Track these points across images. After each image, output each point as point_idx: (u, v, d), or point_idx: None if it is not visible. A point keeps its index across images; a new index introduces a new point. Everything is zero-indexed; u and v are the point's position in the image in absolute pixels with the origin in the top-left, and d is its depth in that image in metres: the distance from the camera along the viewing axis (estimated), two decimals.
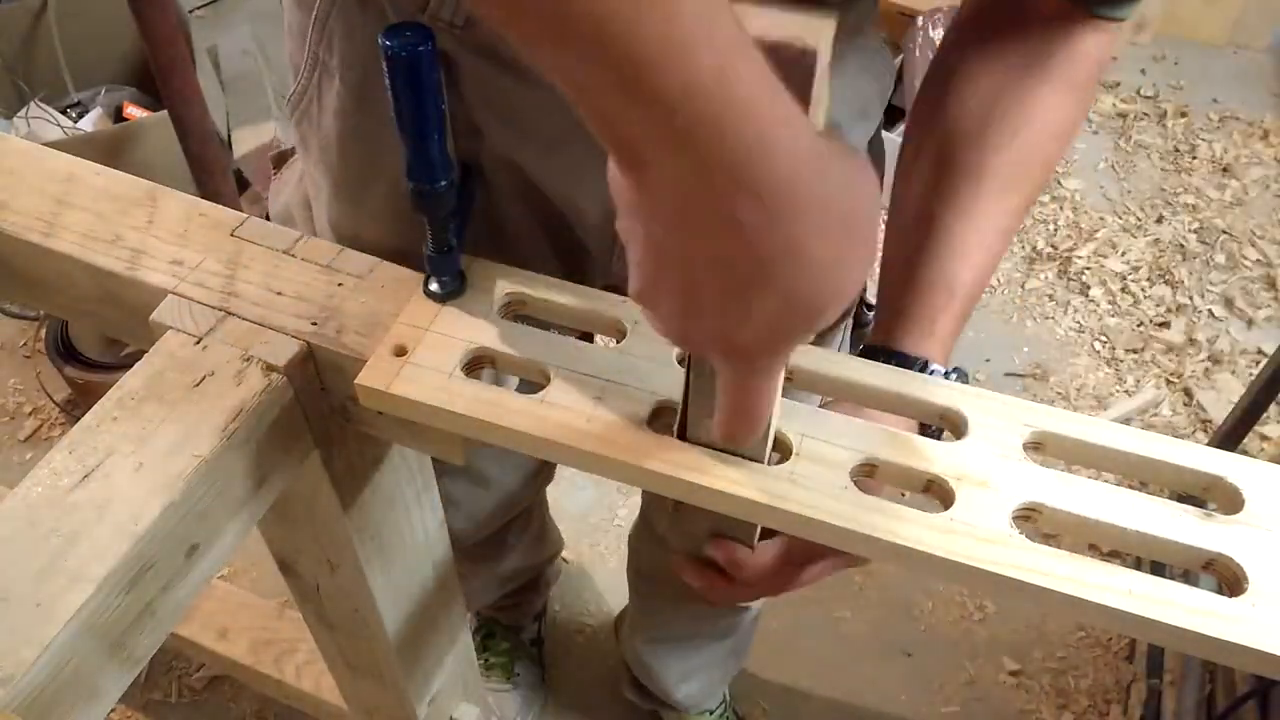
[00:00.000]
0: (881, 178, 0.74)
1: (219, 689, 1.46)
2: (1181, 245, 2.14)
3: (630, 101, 0.32)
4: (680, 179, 0.33)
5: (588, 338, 0.58)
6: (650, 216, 0.36)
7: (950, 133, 0.63)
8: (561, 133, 0.61)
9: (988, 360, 1.93)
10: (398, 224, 0.66)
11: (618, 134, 0.34)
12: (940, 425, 0.51)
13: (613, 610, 1.54)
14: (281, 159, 0.81)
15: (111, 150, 1.76)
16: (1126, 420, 1.81)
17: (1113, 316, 2.00)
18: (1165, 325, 1.98)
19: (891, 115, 2.29)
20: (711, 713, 1.44)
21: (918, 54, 2.19)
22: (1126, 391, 1.87)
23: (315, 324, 0.53)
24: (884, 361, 0.53)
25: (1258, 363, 1.91)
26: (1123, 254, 2.12)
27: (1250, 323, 1.99)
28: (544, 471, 1.11)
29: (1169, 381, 1.89)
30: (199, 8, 2.04)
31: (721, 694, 1.44)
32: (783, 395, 0.50)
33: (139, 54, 2.04)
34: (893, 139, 2.35)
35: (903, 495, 0.49)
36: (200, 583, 0.50)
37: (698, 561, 0.62)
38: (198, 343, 0.52)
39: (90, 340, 1.66)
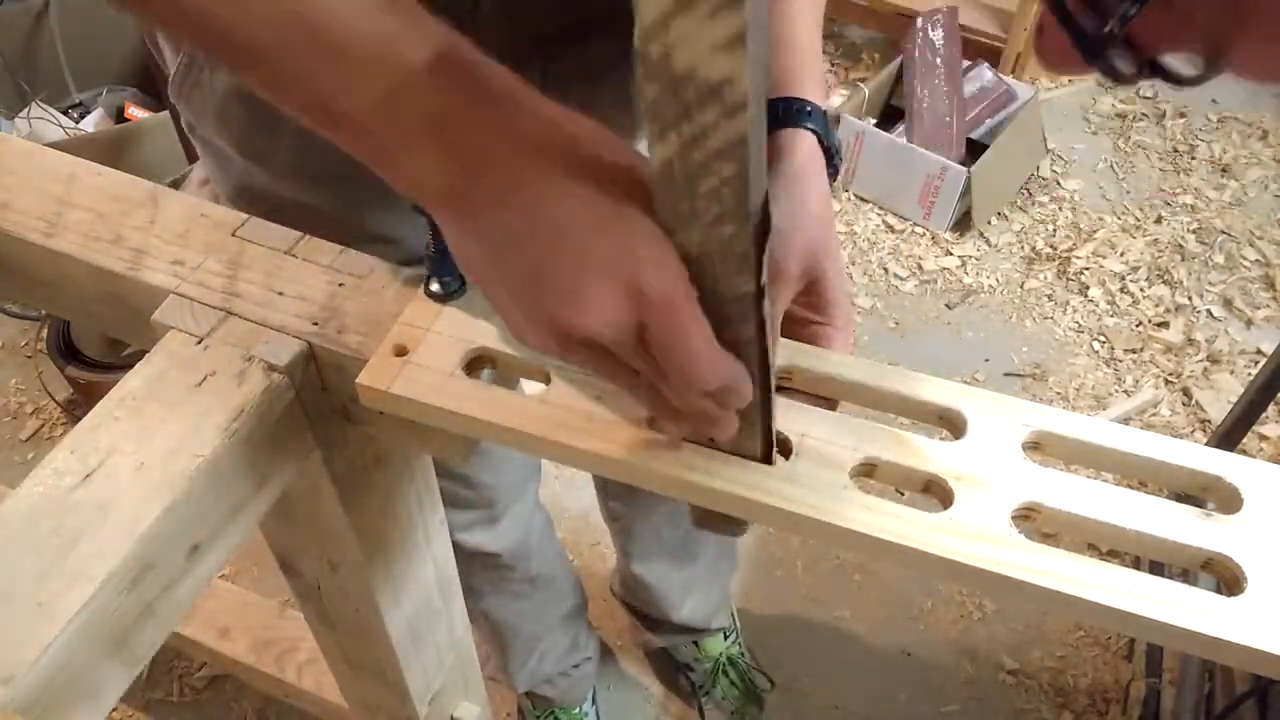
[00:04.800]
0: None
1: (220, 688, 1.46)
2: (1180, 245, 2.14)
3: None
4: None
5: None
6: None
7: None
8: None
9: (987, 360, 1.93)
10: (307, 177, 0.67)
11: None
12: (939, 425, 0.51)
13: (617, 610, 1.54)
14: (175, 184, 0.82)
15: (113, 150, 1.76)
16: (1126, 420, 1.81)
17: (1111, 316, 2.01)
18: (1164, 325, 1.98)
19: (892, 115, 2.30)
20: (726, 635, 1.46)
21: (917, 54, 2.19)
22: (1125, 391, 1.88)
23: (316, 324, 0.53)
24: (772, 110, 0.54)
25: (1256, 362, 1.91)
26: (1122, 254, 2.12)
27: (1249, 323, 2.00)
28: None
29: (1168, 381, 1.89)
30: None
31: (729, 613, 1.46)
32: (782, 395, 0.50)
33: (140, 55, 2.04)
34: (892, 138, 2.34)
35: (902, 495, 0.49)
36: (202, 582, 0.50)
37: None
38: (199, 343, 0.52)
39: (92, 340, 1.66)
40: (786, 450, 0.48)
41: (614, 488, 1.23)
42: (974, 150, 2.14)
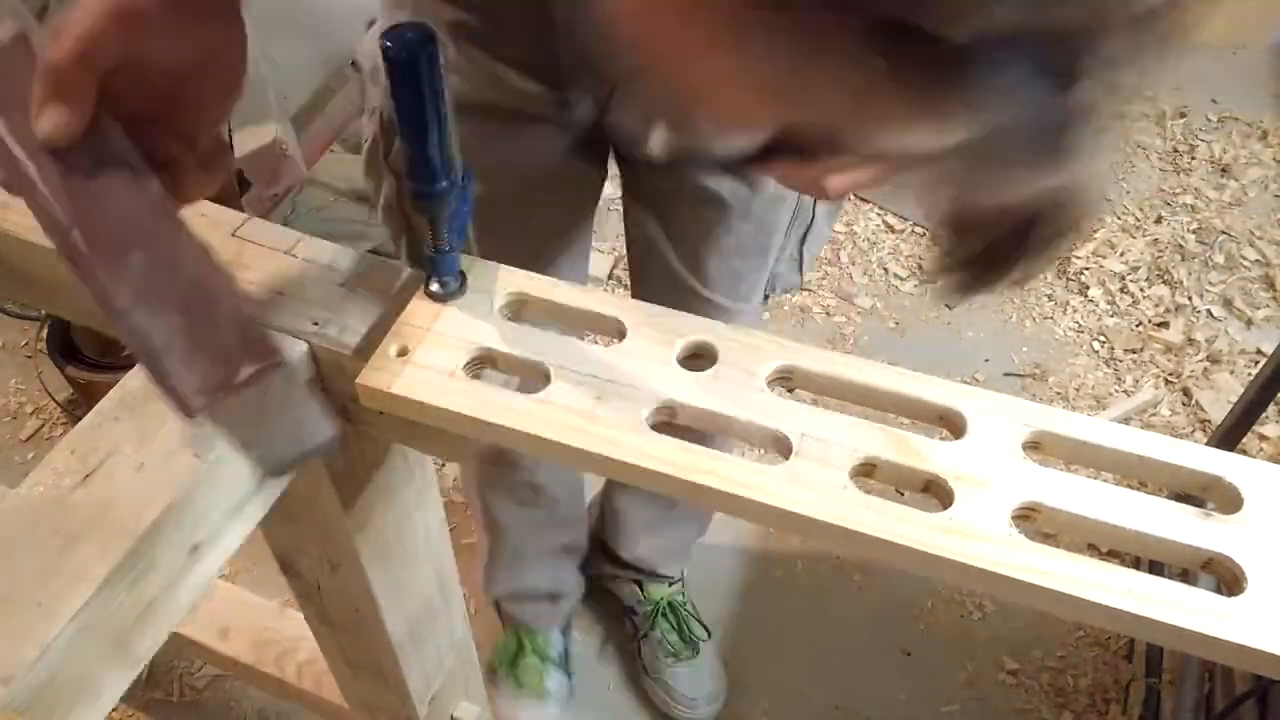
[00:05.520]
0: None
1: (220, 688, 1.46)
2: (1180, 245, 2.14)
3: None
4: None
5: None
6: None
7: None
8: None
9: (987, 360, 1.93)
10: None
11: None
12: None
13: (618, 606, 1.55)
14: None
15: None
16: (1125, 420, 1.81)
17: (1111, 316, 2.00)
18: (1164, 325, 1.98)
19: None
20: (671, 583, 1.50)
21: None
22: (1125, 391, 1.88)
23: (317, 324, 0.53)
24: None
25: (1256, 362, 1.91)
26: (1121, 254, 2.12)
27: (1249, 323, 1.99)
28: None
29: (1168, 381, 1.89)
30: None
31: (681, 568, 1.51)
32: (783, 397, 0.50)
33: None
34: None
35: (902, 495, 0.49)
36: (202, 582, 0.50)
37: None
38: None
39: (92, 340, 1.66)
40: (787, 450, 0.48)
41: None
42: None
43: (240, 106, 2.02)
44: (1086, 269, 2.08)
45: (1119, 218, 2.20)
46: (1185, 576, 1.12)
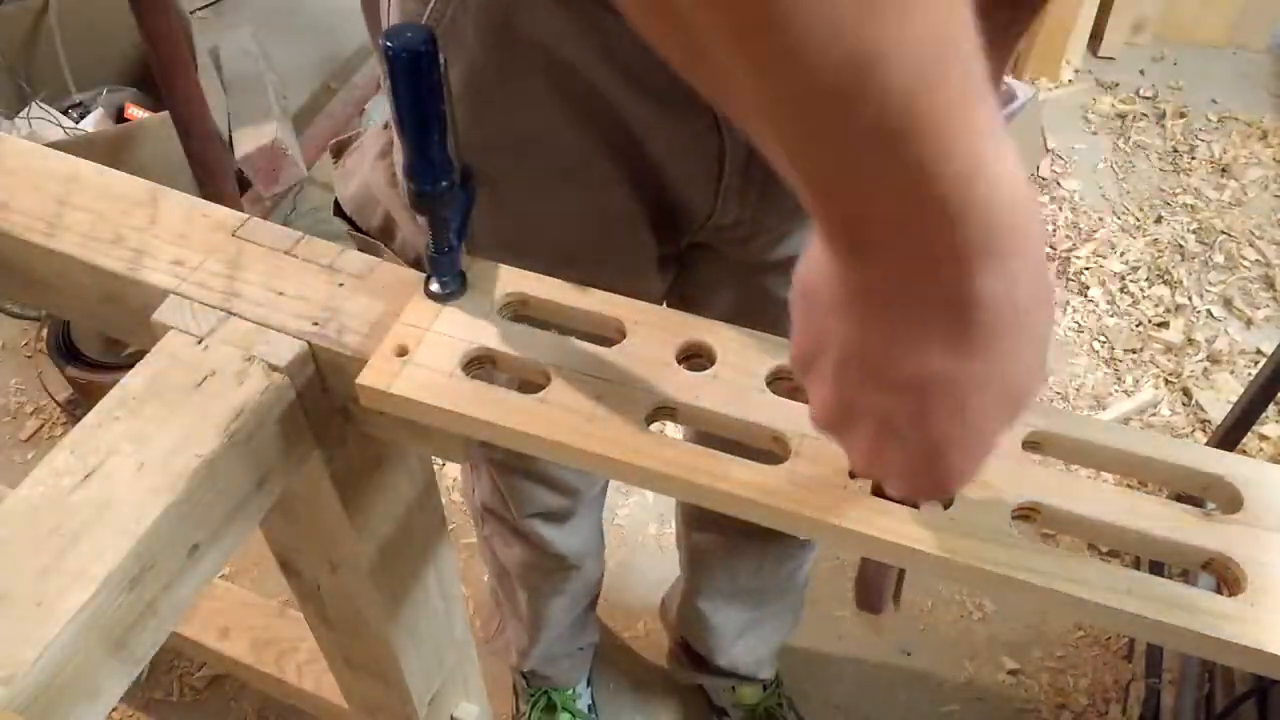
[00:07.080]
0: None
1: (220, 688, 1.46)
2: (1180, 245, 2.14)
3: (875, 169, 0.28)
4: (912, 265, 0.30)
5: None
6: (857, 321, 0.33)
7: None
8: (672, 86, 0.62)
9: None
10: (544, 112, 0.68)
11: (841, 208, 0.30)
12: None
13: (614, 610, 1.54)
14: (341, 148, 0.81)
15: (113, 151, 1.76)
16: (1126, 420, 1.81)
17: (1111, 316, 2.00)
18: (1164, 325, 1.98)
19: None
20: (765, 687, 1.43)
21: None
22: (1125, 391, 1.88)
23: (317, 324, 0.53)
24: None
25: (1256, 363, 1.91)
26: (1121, 254, 2.12)
27: (1249, 323, 1.99)
28: None
29: (1168, 381, 1.89)
30: (200, 8, 2.04)
31: (774, 668, 1.43)
32: (786, 398, 0.50)
33: (140, 55, 2.04)
34: None
35: None
36: (202, 582, 0.50)
37: None
38: (199, 343, 0.52)
39: (92, 340, 1.67)
40: (787, 451, 0.48)
41: (704, 519, 1.20)
42: None
43: (241, 106, 2.03)
44: (1086, 269, 2.08)
45: (1119, 218, 2.21)
46: (1185, 576, 1.12)
